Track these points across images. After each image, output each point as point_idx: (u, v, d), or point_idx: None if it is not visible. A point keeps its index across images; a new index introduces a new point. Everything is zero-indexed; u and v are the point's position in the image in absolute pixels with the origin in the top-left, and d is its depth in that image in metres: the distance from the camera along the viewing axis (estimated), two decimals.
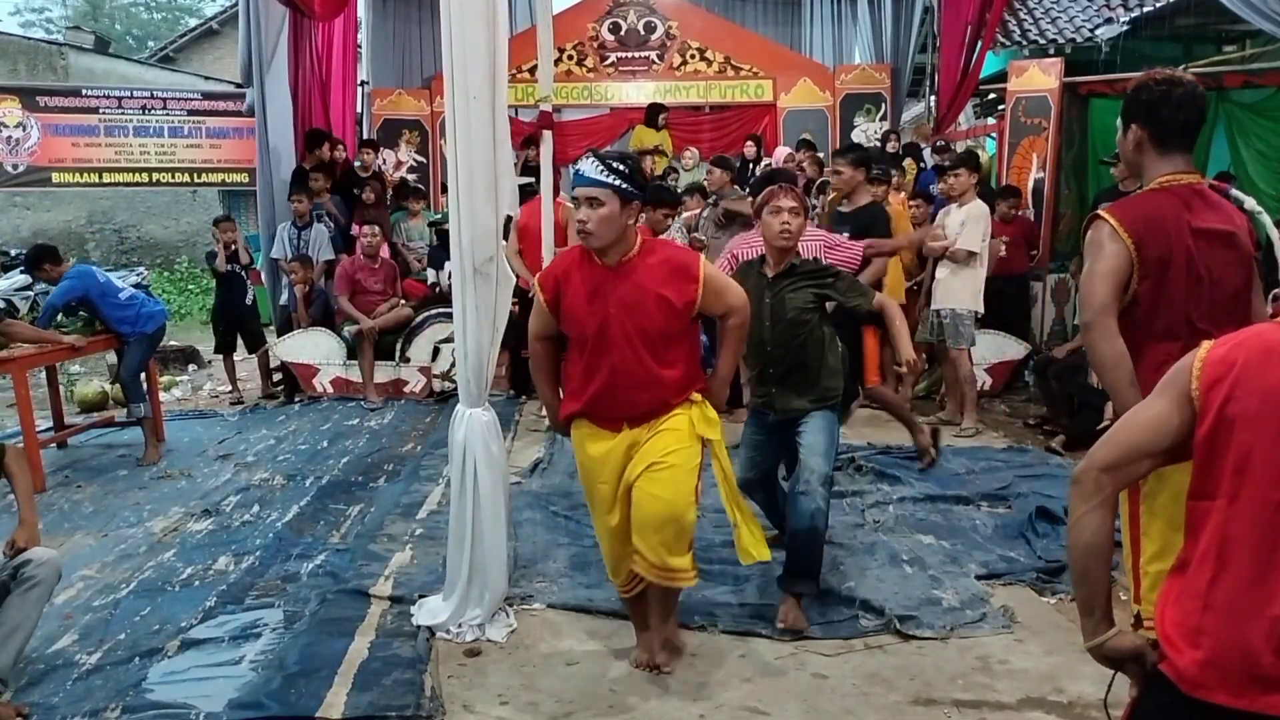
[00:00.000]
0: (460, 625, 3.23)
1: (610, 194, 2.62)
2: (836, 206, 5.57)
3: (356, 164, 8.81)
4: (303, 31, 8.70)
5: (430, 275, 7.96)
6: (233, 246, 7.33)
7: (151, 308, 5.91)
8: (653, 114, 10.12)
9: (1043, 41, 10.10)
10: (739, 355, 2.88)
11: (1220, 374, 1.43)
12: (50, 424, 6.13)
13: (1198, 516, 1.46)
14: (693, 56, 10.74)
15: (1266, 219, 2.39)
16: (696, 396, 2.80)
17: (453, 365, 5.23)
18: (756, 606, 3.41)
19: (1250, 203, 2.39)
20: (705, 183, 7.05)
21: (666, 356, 2.73)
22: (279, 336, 7.56)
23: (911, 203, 7.08)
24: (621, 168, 2.64)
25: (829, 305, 3.43)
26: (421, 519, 4.48)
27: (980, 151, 9.32)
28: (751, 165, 9.02)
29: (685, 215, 6.86)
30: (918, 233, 6.30)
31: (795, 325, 3.35)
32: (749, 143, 9.53)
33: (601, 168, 2.63)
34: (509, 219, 4.34)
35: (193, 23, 24.93)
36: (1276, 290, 3.29)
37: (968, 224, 5.94)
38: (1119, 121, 2.37)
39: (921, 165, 9.22)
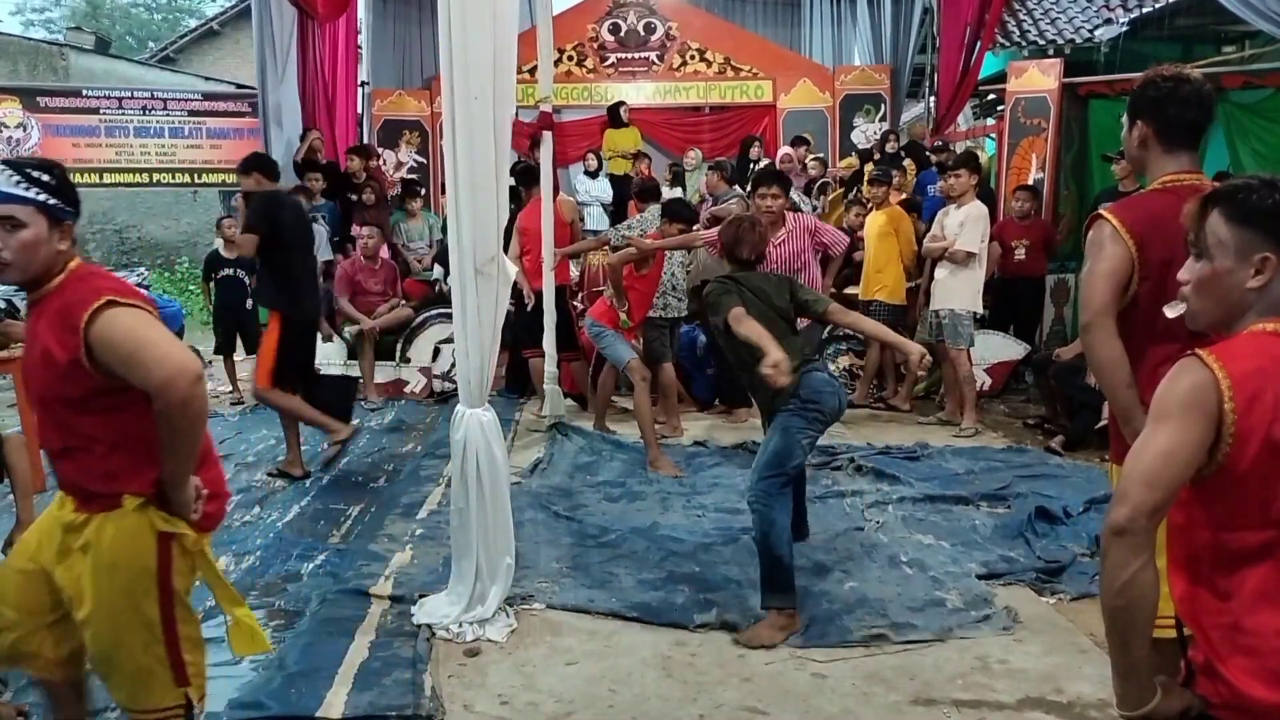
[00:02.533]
0: (460, 625, 3.23)
1: (34, 212, 1.93)
2: None
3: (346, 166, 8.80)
4: (308, 34, 8.71)
5: (437, 271, 7.94)
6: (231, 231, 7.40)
7: (173, 308, 5.96)
8: (614, 113, 10.10)
9: (1042, 42, 10.09)
10: (187, 456, 1.95)
11: (1254, 392, 1.35)
12: None
13: (1236, 546, 1.39)
14: (692, 57, 10.74)
15: None
16: (130, 501, 1.97)
17: (453, 365, 5.23)
18: (758, 612, 3.39)
19: None
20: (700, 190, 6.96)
21: (75, 430, 1.98)
22: None
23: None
24: (48, 179, 1.96)
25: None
26: (421, 519, 4.49)
27: (980, 152, 9.32)
28: (752, 165, 9.06)
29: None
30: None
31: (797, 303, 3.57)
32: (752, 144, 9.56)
33: (18, 178, 1.92)
34: (512, 221, 4.32)
35: (193, 23, 24.94)
36: None
37: (966, 225, 5.96)
38: (1124, 117, 2.35)
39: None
